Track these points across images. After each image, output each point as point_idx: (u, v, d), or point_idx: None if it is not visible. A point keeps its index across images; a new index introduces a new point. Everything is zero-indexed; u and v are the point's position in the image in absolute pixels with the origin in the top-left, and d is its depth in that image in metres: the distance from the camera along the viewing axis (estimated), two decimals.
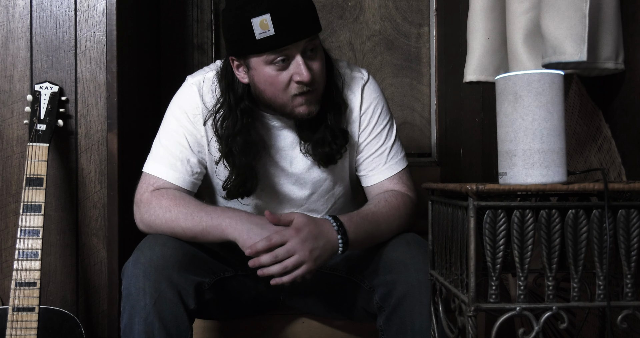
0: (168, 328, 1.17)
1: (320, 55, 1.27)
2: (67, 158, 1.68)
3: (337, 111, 1.33)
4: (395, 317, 1.22)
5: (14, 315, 1.46)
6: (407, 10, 2.35)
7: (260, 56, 1.22)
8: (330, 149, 1.32)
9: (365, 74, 1.41)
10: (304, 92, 1.24)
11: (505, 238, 0.86)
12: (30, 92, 1.64)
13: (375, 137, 1.39)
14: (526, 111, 0.90)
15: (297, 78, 1.22)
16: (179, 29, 2.31)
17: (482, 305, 0.86)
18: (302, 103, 1.26)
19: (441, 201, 1.03)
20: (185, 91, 1.36)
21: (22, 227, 1.50)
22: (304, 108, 1.26)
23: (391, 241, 1.31)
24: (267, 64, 1.22)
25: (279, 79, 1.23)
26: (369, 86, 1.40)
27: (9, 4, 1.68)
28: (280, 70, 1.22)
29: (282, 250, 1.16)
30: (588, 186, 0.86)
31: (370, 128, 1.39)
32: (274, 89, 1.24)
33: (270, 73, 1.23)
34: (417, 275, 1.21)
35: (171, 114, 1.36)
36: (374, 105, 1.39)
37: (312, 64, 1.24)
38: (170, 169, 1.32)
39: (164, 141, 1.35)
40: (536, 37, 1.20)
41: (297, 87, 1.24)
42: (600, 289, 0.87)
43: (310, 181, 1.40)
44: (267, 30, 1.18)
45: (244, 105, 1.30)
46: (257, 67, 1.24)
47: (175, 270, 1.20)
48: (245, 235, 1.19)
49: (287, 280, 1.17)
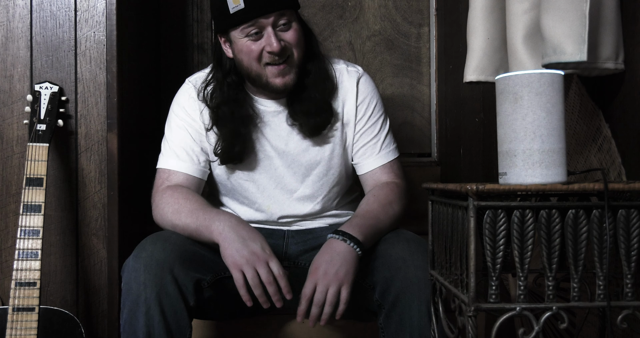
0: (168, 323, 1.18)
1: (295, 28, 1.36)
2: (67, 158, 1.68)
3: (322, 84, 1.42)
4: (394, 314, 1.22)
5: (14, 315, 1.46)
6: (407, 10, 2.35)
7: (237, 29, 1.34)
8: (314, 120, 1.40)
9: (360, 69, 1.50)
10: (275, 63, 1.34)
11: (505, 238, 0.86)
12: (30, 92, 1.64)
13: (371, 127, 1.47)
14: (526, 111, 0.90)
15: (268, 48, 1.33)
16: (179, 29, 2.31)
17: (482, 305, 0.87)
18: (276, 74, 1.36)
19: (441, 201, 1.03)
20: (183, 89, 1.49)
21: (22, 227, 1.50)
22: (279, 80, 1.36)
23: (390, 239, 1.32)
24: (243, 37, 1.34)
25: (252, 49, 1.34)
26: (364, 79, 1.49)
27: (9, 4, 1.68)
28: (254, 41, 1.34)
29: (319, 294, 1.21)
30: (588, 186, 0.86)
31: (366, 118, 1.47)
32: (249, 58, 1.35)
33: (246, 43, 1.35)
34: (415, 271, 1.21)
35: (172, 112, 1.47)
36: (370, 97, 1.48)
37: (284, 36, 1.34)
38: (178, 160, 1.42)
39: (169, 136, 1.45)
40: (536, 37, 1.20)
41: (269, 57, 1.34)
42: (600, 289, 0.87)
43: (304, 163, 1.45)
44: (238, 4, 1.31)
45: (231, 79, 1.42)
46: (236, 40, 1.36)
47: (176, 266, 1.21)
48: (227, 244, 1.22)
49: (343, 309, 1.22)
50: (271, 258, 1.21)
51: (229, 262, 1.21)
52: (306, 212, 1.47)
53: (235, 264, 1.20)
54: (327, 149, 1.46)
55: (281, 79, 1.36)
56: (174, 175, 1.41)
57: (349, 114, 1.46)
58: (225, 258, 1.22)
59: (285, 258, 1.44)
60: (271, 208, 1.47)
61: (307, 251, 1.44)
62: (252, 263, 1.19)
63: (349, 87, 1.46)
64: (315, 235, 1.46)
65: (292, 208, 1.47)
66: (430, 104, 2.36)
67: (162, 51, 2.28)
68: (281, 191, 1.46)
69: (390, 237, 1.33)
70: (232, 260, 1.20)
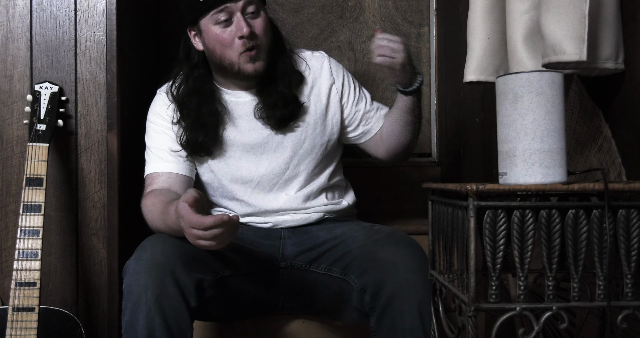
0: (169, 325, 1.18)
1: (263, 17, 1.43)
2: (67, 158, 1.68)
3: (288, 77, 1.47)
4: (386, 317, 1.22)
5: (14, 315, 1.46)
6: (407, 10, 2.35)
7: (207, 16, 1.39)
8: (281, 113, 1.45)
9: (324, 53, 1.59)
10: (248, 49, 1.39)
11: (505, 238, 0.86)
12: (30, 92, 1.64)
13: (359, 97, 1.57)
14: (526, 111, 0.90)
15: (239, 33, 1.38)
16: (179, 29, 2.30)
17: (482, 305, 0.87)
18: (247, 61, 1.41)
19: (441, 201, 1.03)
20: (155, 99, 1.54)
21: (22, 227, 1.50)
22: (250, 66, 1.41)
23: (381, 241, 1.32)
24: (213, 25, 1.40)
25: (224, 36, 1.39)
26: (332, 61, 1.58)
27: (9, 4, 1.68)
28: (225, 27, 1.39)
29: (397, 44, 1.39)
30: (588, 186, 0.86)
31: (352, 92, 1.56)
32: (221, 46, 1.40)
33: (217, 31, 1.40)
34: (405, 274, 1.21)
35: (148, 122, 1.53)
36: (345, 74, 1.57)
37: (253, 23, 1.41)
38: (162, 161, 1.46)
39: (149, 143, 1.50)
40: (536, 37, 1.20)
41: (241, 43, 1.39)
42: (600, 289, 0.87)
43: (280, 153, 1.48)
44: None
45: (198, 72, 1.48)
46: (206, 28, 1.41)
47: (176, 267, 1.21)
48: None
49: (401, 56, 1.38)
50: (185, 221, 1.13)
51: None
52: (293, 197, 1.49)
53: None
54: (301, 136, 1.49)
55: (252, 65, 1.41)
56: (157, 178, 1.45)
57: (327, 95, 1.52)
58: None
59: (282, 259, 1.45)
60: (257, 200, 1.49)
61: (304, 252, 1.44)
62: (193, 242, 1.16)
63: (319, 69, 1.53)
64: (312, 235, 1.47)
65: (277, 198, 1.49)
66: (430, 104, 2.35)
67: (162, 51, 2.27)
68: (264, 183, 1.48)
69: (381, 239, 1.33)
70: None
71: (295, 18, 2.28)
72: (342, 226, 1.47)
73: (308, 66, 1.53)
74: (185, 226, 1.14)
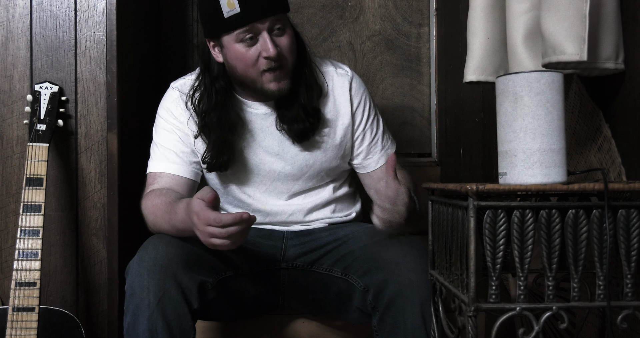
0: (171, 328, 1.17)
1: (289, 34, 1.35)
2: (67, 158, 1.68)
3: (310, 90, 1.41)
4: (388, 317, 1.22)
5: (14, 315, 1.46)
6: (407, 10, 2.35)
7: (230, 34, 1.31)
8: (303, 126, 1.40)
9: (349, 70, 1.50)
10: (272, 68, 1.32)
11: (505, 238, 0.86)
12: (30, 92, 1.64)
13: (369, 127, 1.49)
14: (526, 111, 0.90)
15: (264, 54, 1.30)
16: (179, 29, 2.30)
17: (482, 305, 0.87)
18: (272, 80, 1.34)
19: (441, 201, 1.03)
20: (168, 93, 1.46)
21: (22, 227, 1.50)
22: (274, 84, 1.34)
23: (383, 241, 1.32)
24: (237, 42, 1.31)
25: (248, 55, 1.31)
26: (355, 82, 1.49)
27: (9, 4, 1.68)
28: (249, 46, 1.31)
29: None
30: (588, 186, 0.86)
31: (364, 121, 1.49)
32: (244, 65, 1.33)
33: (240, 50, 1.31)
34: (408, 274, 1.21)
35: (158, 116, 1.46)
36: (364, 99, 1.49)
37: (279, 41, 1.32)
38: (167, 162, 1.41)
39: (157, 139, 1.44)
40: (536, 37, 1.20)
41: (266, 63, 1.31)
42: (600, 289, 0.87)
43: (296, 166, 1.45)
44: (234, 8, 1.27)
45: (219, 85, 1.39)
46: (229, 45, 1.32)
47: (179, 269, 1.20)
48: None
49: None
50: (200, 218, 1.11)
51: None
52: (300, 208, 1.48)
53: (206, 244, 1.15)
54: (319, 152, 1.46)
55: (276, 84, 1.34)
56: (160, 178, 1.40)
57: (343, 117, 1.46)
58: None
59: (283, 260, 1.45)
60: (266, 209, 1.47)
61: (306, 253, 1.44)
62: (206, 240, 1.13)
63: (341, 92, 1.46)
64: (314, 236, 1.47)
65: (286, 207, 1.48)
66: (430, 104, 2.36)
67: (162, 51, 2.27)
68: (273, 192, 1.47)
69: (384, 239, 1.33)
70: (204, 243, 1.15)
71: (295, 18, 2.27)
72: (345, 228, 1.47)
73: (331, 79, 1.47)
74: (199, 223, 1.11)
